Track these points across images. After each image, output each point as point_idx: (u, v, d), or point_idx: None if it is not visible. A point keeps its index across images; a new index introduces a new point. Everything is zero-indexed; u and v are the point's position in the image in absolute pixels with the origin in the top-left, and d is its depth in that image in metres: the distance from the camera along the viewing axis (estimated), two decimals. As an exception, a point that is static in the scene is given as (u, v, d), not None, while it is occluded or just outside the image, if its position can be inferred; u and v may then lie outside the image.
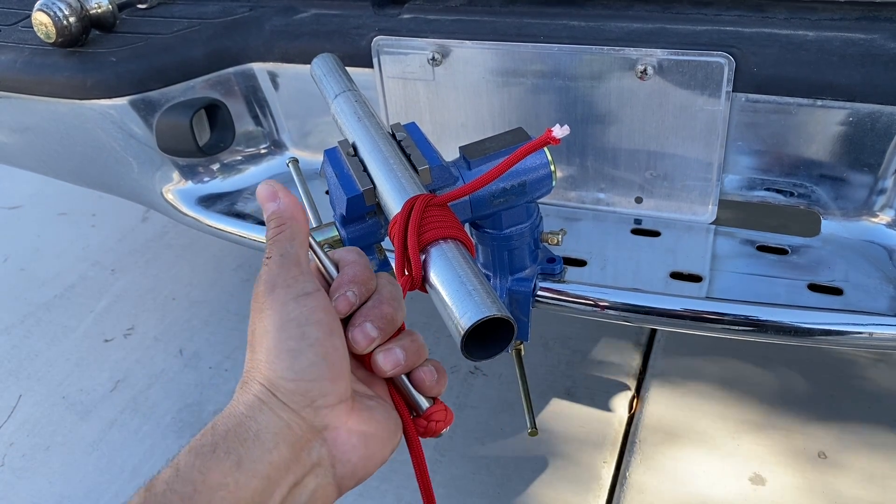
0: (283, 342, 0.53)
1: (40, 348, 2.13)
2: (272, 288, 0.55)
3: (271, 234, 0.59)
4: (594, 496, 1.56)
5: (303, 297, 0.55)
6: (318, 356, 0.53)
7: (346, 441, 0.55)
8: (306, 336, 0.53)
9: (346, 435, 0.55)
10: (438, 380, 0.62)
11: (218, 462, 0.49)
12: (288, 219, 0.59)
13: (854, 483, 1.51)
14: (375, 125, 0.88)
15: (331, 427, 0.55)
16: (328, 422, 0.54)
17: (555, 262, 1.09)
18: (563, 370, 1.86)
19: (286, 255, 0.57)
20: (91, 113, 1.29)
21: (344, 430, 0.55)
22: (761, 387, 1.74)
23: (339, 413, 0.55)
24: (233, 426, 0.51)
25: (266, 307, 0.55)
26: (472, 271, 0.63)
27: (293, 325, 0.53)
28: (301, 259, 0.58)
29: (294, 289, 0.55)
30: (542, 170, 0.91)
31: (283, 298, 0.55)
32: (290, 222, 0.59)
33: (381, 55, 1.20)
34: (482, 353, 0.61)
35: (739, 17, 1.07)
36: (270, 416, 0.52)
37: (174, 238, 2.51)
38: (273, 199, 0.60)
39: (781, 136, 1.05)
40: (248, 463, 0.50)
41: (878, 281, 1.03)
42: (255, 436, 0.51)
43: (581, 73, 1.09)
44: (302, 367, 0.53)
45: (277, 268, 0.56)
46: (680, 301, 1.05)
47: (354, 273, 0.60)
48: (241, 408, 0.52)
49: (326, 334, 0.54)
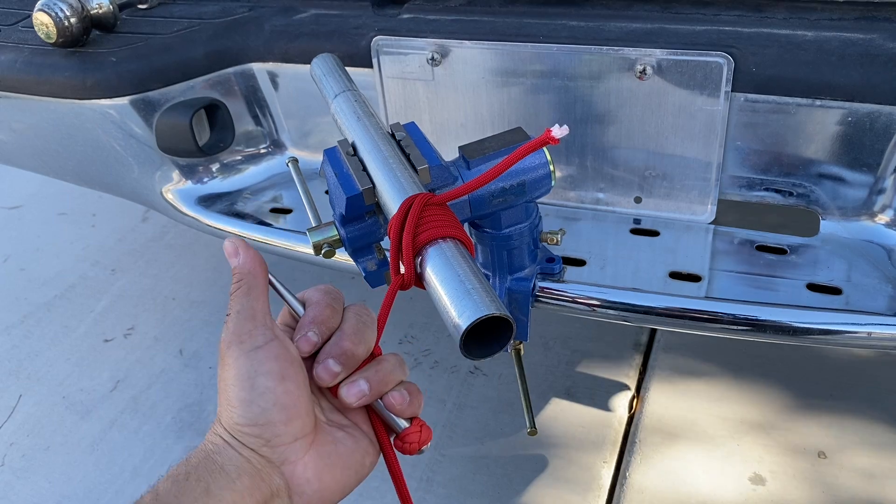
0: (238, 393, 0.60)
1: (40, 348, 2.14)
2: (229, 345, 0.62)
3: (232, 289, 0.65)
4: (594, 496, 1.56)
5: (253, 352, 0.61)
6: (269, 403, 0.60)
7: (302, 475, 0.62)
8: (255, 387, 0.60)
9: (302, 470, 0.62)
10: (411, 402, 0.67)
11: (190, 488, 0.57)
12: (246, 274, 0.66)
13: (854, 483, 1.51)
14: (375, 125, 0.88)
15: (287, 462, 0.62)
16: (285, 457, 0.61)
17: (554, 262, 1.09)
18: (563, 370, 1.86)
19: (242, 311, 0.63)
20: (91, 113, 1.30)
21: (300, 465, 0.62)
22: (761, 387, 1.74)
23: (297, 449, 0.62)
24: (202, 459, 0.60)
25: (225, 362, 0.62)
26: (471, 270, 0.63)
27: (245, 377, 0.60)
28: (256, 312, 0.64)
29: (246, 344, 0.62)
30: (541, 169, 0.91)
31: (237, 354, 0.61)
32: (247, 277, 0.65)
33: (380, 55, 1.20)
34: (481, 351, 0.62)
35: (738, 17, 1.07)
36: (232, 453, 0.60)
37: (174, 238, 2.52)
38: (234, 256, 0.67)
39: (780, 136, 1.05)
40: (216, 490, 0.58)
41: (877, 280, 1.03)
42: (220, 468, 0.59)
43: (580, 73, 1.09)
44: (254, 415, 0.60)
45: (233, 324, 0.63)
46: (679, 301, 1.05)
47: (315, 314, 0.66)
48: (209, 445, 0.61)
49: (277, 382, 0.61)
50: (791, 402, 1.69)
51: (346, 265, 1.16)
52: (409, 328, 2.04)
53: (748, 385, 1.74)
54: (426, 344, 1.99)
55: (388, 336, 2.02)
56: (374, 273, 0.90)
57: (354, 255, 0.89)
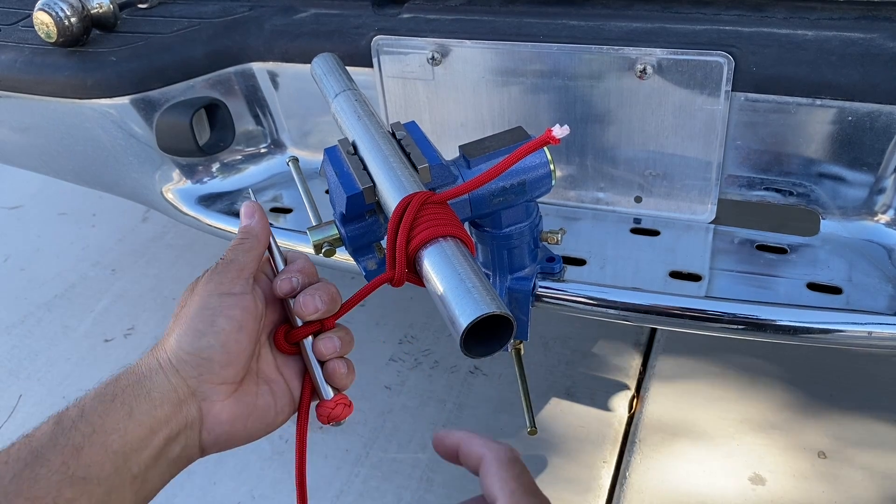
0: (194, 324, 0.64)
1: (40, 348, 2.14)
2: (206, 282, 0.66)
3: (233, 243, 0.70)
4: (594, 496, 1.56)
5: (226, 296, 0.65)
6: (218, 342, 0.64)
7: (217, 415, 0.65)
8: (214, 324, 0.64)
9: (218, 409, 0.65)
10: (347, 376, 0.71)
11: (115, 410, 0.60)
12: (253, 236, 0.70)
13: (854, 483, 1.51)
14: (375, 124, 0.88)
15: (208, 399, 0.65)
16: (207, 394, 0.65)
17: (554, 262, 1.09)
18: (563, 370, 1.86)
19: (234, 260, 0.67)
20: (91, 112, 1.30)
21: (218, 405, 0.65)
22: (761, 387, 1.74)
23: (220, 391, 0.65)
24: (132, 382, 0.62)
25: (194, 294, 0.66)
26: (472, 269, 0.63)
27: (208, 312, 0.64)
28: (245, 267, 0.68)
29: (223, 286, 0.66)
30: (541, 169, 0.91)
31: (209, 291, 0.65)
32: (252, 238, 0.70)
33: (380, 55, 1.20)
34: (482, 350, 0.62)
35: (739, 16, 1.07)
36: (163, 378, 0.63)
37: (174, 238, 2.51)
38: (249, 217, 0.71)
39: (781, 136, 1.05)
40: (138, 414, 0.61)
41: (877, 280, 1.03)
42: (147, 393, 0.62)
43: (580, 73, 1.09)
44: (200, 347, 0.64)
45: (220, 268, 0.67)
46: (679, 300, 1.05)
47: (302, 265, 0.71)
48: (143, 368, 0.64)
49: (234, 329, 0.64)
50: (791, 401, 1.69)
51: (347, 264, 1.16)
52: (409, 328, 2.04)
53: (748, 385, 1.74)
54: (426, 344, 1.99)
55: (388, 336, 2.03)
56: (375, 272, 0.90)
57: (355, 254, 0.89)
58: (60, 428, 0.58)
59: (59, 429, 0.58)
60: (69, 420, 0.59)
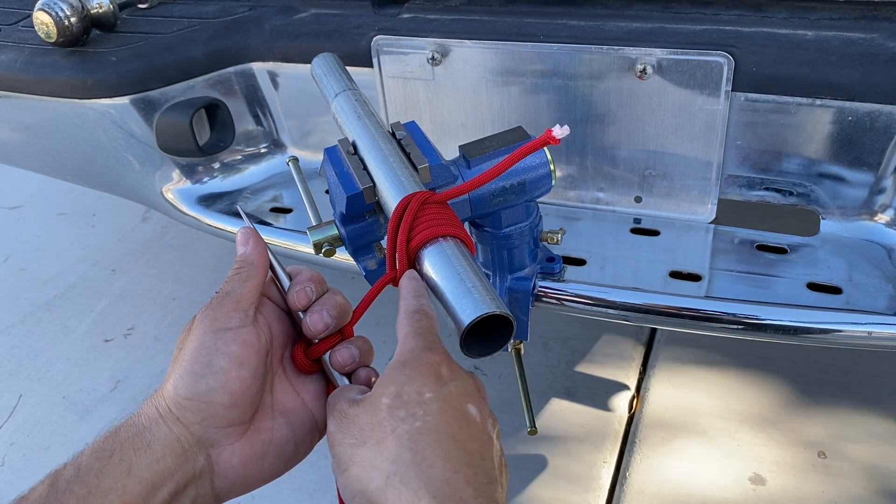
0: (191, 366, 0.60)
1: (40, 348, 2.14)
2: (201, 319, 0.63)
3: (230, 273, 0.66)
4: (594, 496, 1.56)
5: (222, 332, 0.61)
6: (218, 383, 0.60)
7: (228, 461, 0.62)
8: (212, 364, 0.60)
9: (228, 455, 0.62)
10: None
11: (113, 467, 0.56)
12: (249, 264, 0.67)
13: (854, 483, 1.51)
14: (375, 124, 0.88)
15: (216, 445, 0.61)
16: (214, 440, 0.61)
17: (554, 261, 1.09)
18: (563, 370, 1.86)
19: (230, 293, 0.64)
20: (91, 112, 1.30)
21: (228, 450, 0.62)
22: (761, 386, 1.74)
23: (228, 434, 0.61)
24: (132, 435, 0.59)
25: (191, 334, 0.62)
26: (472, 269, 0.63)
27: (204, 353, 0.60)
28: (243, 298, 0.64)
29: (218, 322, 0.62)
30: (541, 169, 0.91)
31: (203, 329, 0.62)
32: (250, 267, 0.67)
33: (380, 55, 1.20)
34: (482, 350, 0.62)
35: (739, 16, 1.07)
36: (164, 429, 0.59)
37: (174, 238, 2.51)
38: (244, 244, 0.68)
39: (780, 136, 1.05)
40: (137, 471, 0.57)
41: (877, 280, 1.03)
42: (147, 445, 0.58)
43: (580, 73, 1.09)
44: (200, 391, 0.60)
45: (216, 302, 0.64)
46: (679, 300, 1.05)
47: (311, 275, 0.69)
48: (142, 419, 0.60)
49: (233, 366, 0.61)
50: (791, 401, 1.69)
51: (347, 264, 1.16)
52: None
53: (748, 385, 1.74)
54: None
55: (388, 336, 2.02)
56: (375, 272, 0.90)
57: (355, 253, 0.89)
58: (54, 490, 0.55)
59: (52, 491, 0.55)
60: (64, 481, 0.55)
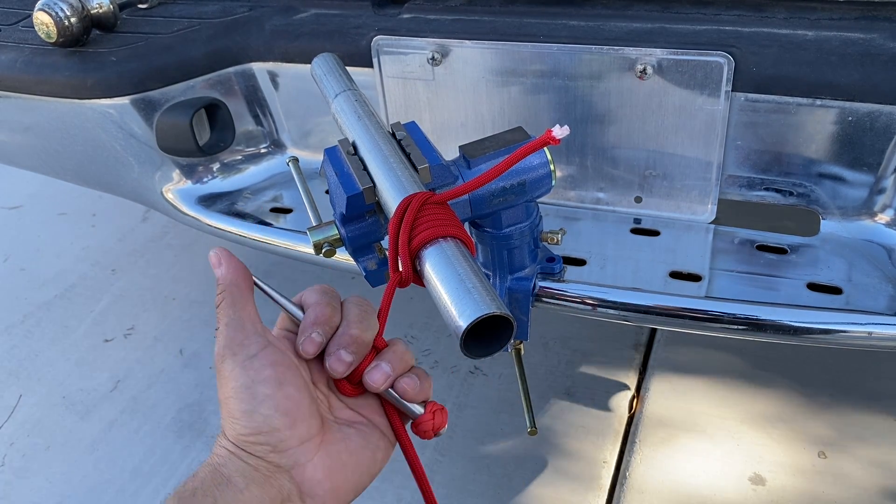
0: (238, 405, 0.60)
1: (40, 348, 2.14)
2: (223, 358, 0.62)
3: (217, 301, 0.65)
4: (594, 496, 1.56)
5: (248, 361, 0.61)
6: (271, 410, 0.60)
7: (312, 476, 0.61)
8: (256, 396, 0.60)
9: (311, 471, 0.62)
10: (422, 386, 0.67)
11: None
12: (228, 285, 0.65)
13: (853, 483, 1.51)
14: (375, 124, 0.88)
15: (297, 465, 0.61)
16: (294, 461, 0.61)
17: (554, 262, 1.09)
18: (563, 370, 1.86)
19: (230, 322, 0.63)
20: (91, 112, 1.30)
21: (310, 466, 0.62)
22: (761, 386, 1.74)
23: (305, 451, 0.61)
24: (209, 473, 0.59)
25: (222, 376, 0.62)
26: (472, 269, 0.63)
27: (244, 388, 0.60)
28: (245, 321, 0.63)
29: (240, 355, 0.61)
30: (541, 169, 0.91)
31: (232, 366, 0.61)
32: (230, 288, 0.65)
33: (380, 55, 1.20)
34: (482, 350, 0.62)
35: (739, 16, 1.07)
36: (239, 463, 0.59)
37: (174, 238, 2.51)
38: (217, 266, 0.66)
39: (781, 136, 1.05)
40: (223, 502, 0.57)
41: (877, 280, 1.03)
42: (227, 479, 0.58)
43: (580, 73, 1.09)
44: (257, 424, 0.60)
45: (224, 337, 0.62)
46: (679, 300, 1.05)
47: (316, 315, 0.65)
48: (216, 458, 0.60)
49: (275, 388, 0.61)
50: (791, 401, 1.69)
51: (347, 264, 1.16)
52: (409, 328, 2.04)
53: (748, 385, 1.74)
54: (426, 344, 1.99)
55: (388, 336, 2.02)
56: (375, 272, 0.90)
57: (355, 254, 0.89)
58: None
59: None
60: None
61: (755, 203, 1.13)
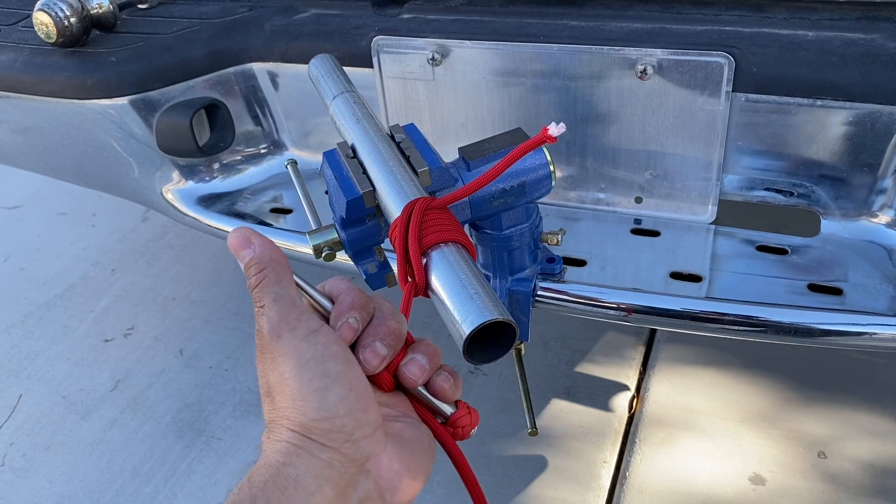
0: (307, 383, 0.52)
1: (40, 348, 2.14)
2: (278, 335, 0.55)
3: (254, 281, 0.57)
4: (594, 496, 1.56)
5: (312, 336, 0.55)
6: (346, 389, 0.53)
7: (389, 468, 0.55)
8: (328, 373, 0.53)
9: (387, 462, 0.55)
10: (455, 384, 0.62)
11: None
12: (268, 262, 0.58)
13: (854, 483, 1.51)
14: (374, 127, 0.88)
15: (372, 457, 0.55)
16: (368, 452, 0.54)
17: (554, 262, 1.09)
18: (563, 370, 1.86)
19: (279, 298, 0.56)
20: (91, 113, 1.29)
21: (385, 457, 0.55)
22: (761, 387, 1.74)
23: (378, 440, 0.55)
24: (270, 476, 0.50)
25: (278, 354, 0.54)
26: (474, 275, 0.63)
27: (312, 364, 0.53)
28: (295, 299, 0.57)
29: (300, 330, 0.55)
30: (541, 170, 0.91)
31: (293, 342, 0.54)
32: (272, 265, 0.58)
33: (380, 55, 1.20)
34: (484, 356, 0.61)
35: (739, 17, 1.07)
36: (309, 460, 0.51)
37: (174, 238, 2.51)
38: (247, 246, 0.58)
39: (781, 136, 1.05)
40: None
41: (877, 281, 1.03)
42: (294, 482, 0.50)
43: (581, 73, 1.09)
44: (332, 404, 0.52)
45: (276, 312, 0.55)
46: (680, 301, 1.05)
47: (352, 300, 0.60)
48: (275, 457, 0.51)
49: (346, 366, 0.54)
50: (791, 401, 1.69)
51: (346, 265, 1.16)
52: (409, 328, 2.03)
53: (748, 385, 1.74)
54: (427, 344, 1.99)
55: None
56: (375, 275, 0.90)
57: (355, 257, 0.89)
58: None
59: None
60: None
61: (756, 203, 1.13)
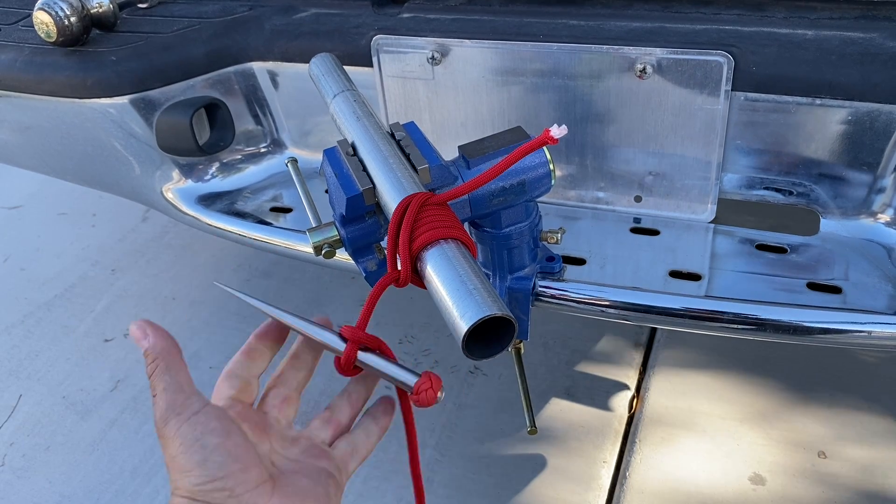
0: (189, 458, 0.61)
1: (40, 348, 2.14)
2: (166, 420, 0.63)
3: (149, 371, 0.66)
4: (594, 496, 1.56)
5: (193, 417, 0.63)
6: (223, 456, 0.61)
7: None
8: (206, 446, 0.61)
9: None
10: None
11: None
12: (159, 353, 0.66)
13: (854, 483, 1.51)
14: (374, 125, 0.88)
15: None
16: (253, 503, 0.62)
17: (554, 261, 1.09)
18: (563, 370, 1.86)
19: (168, 387, 0.64)
20: (91, 112, 1.30)
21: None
22: (761, 386, 1.74)
23: (262, 493, 0.62)
24: None
25: (167, 437, 0.63)
26: (473, 270, 0.63)
27: (191, 442, 0.62)
28: (182, 384, 0.65)
29: (184, 414, 0.63)
30: (540, 168, 0.91)
31: (177, 425, 0.62)
32: (163, 355, 0.66)
33: (380, 54, 1.20)
34: (483, 352, 0.62)
35: (738, 16, 1.07)
36: None
37: (174, 238, 2.51)
38: (143, 337, 0.67)
39: (780, 135, 1.05)
40: None
41: (877, 279, 1.03)
42: None
43: (580, 72, 1.09)
44: (212, 471, 0.61)
45: (164, 402, 0.64)
46: (679, 300, 1.05)
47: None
48: None
49: (223, 437, 0.62)
50: (791, 401, 1.70)
51: (346, 264, 1.16)
52: (409, 328, 2.04)
53: (748, 385, 1.74)
54: (426, 344, 1.99)
55: (388, 336, 2.02)
56: (375, 273, 0.90)
57: (355, 255, 0.89)
58: None
59: None
60: None
61: (755, 202, 1.13)
